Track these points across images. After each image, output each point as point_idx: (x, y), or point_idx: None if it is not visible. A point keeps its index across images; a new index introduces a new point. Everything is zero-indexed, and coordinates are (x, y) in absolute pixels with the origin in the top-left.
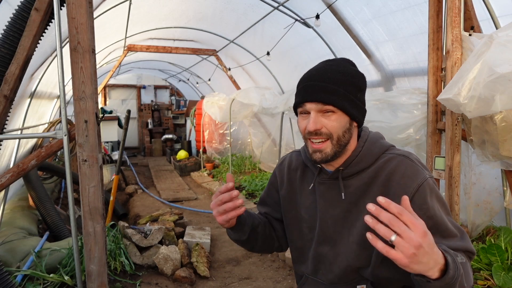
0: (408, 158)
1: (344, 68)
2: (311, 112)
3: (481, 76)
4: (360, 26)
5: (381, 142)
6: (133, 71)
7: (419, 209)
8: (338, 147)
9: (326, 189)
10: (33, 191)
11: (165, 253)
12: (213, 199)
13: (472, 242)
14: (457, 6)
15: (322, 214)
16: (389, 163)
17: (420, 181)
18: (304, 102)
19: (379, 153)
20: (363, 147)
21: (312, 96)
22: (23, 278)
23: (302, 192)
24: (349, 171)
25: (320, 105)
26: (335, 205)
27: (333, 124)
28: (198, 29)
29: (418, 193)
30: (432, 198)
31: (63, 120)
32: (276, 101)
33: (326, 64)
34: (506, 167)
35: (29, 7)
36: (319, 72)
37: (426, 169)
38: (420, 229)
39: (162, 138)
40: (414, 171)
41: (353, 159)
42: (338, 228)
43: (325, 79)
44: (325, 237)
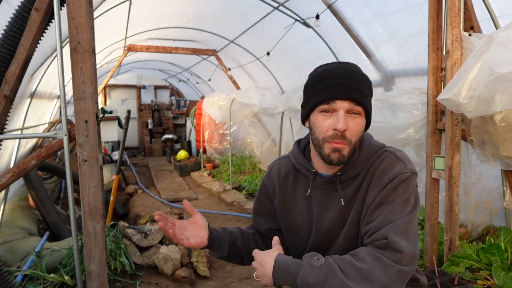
0: (393, 154)
1: (363, 73)
2: (340, 111)
3: (481, 76)
4: (360, 26)
5: (372, 143)
6: (133, 71)
7: (383, 196)
8: (352, 152)
9: (321, 193)
10: (33, 191)
11: (165, 253)
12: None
13: (472, 242)
14: (457, 6)
15: (318, 219)
16: (377, 161)
17: (395, 173)
18: (335, 99)
19: (372, 155)
20: (360, 152)
21: (346, 94)
22: (23, 278)
23: (296, 198)
24: (346, 175)
25: (351, 105)
26: (331, 209)
27: (357, 128)
28: (198, 29)
29: (391, 183)
30: (398, 188)
31: (63, 120)
32: (276, 101)
33: (347, 65)
34: (506, 167)
35: (29, 7)
36: (347, 72)
37: (408, 166)
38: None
39: (162, 138)
40: (394, 165)
41: (350, 165)
42: (333, 229)
43: (355, 79)
44: (321, 240)
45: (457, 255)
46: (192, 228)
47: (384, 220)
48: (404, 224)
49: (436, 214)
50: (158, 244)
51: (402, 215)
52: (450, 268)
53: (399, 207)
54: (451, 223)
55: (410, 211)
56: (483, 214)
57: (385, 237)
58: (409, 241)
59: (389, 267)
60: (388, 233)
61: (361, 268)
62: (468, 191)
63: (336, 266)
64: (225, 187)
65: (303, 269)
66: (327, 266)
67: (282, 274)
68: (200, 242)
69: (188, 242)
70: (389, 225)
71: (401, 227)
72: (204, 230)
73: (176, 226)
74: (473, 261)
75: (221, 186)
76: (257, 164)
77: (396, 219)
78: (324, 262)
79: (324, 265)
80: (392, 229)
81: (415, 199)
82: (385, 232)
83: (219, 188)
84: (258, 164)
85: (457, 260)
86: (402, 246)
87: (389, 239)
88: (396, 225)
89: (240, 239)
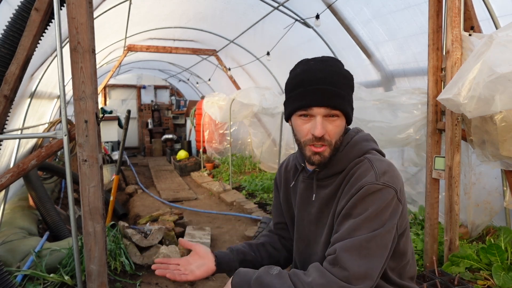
0: (370, 162)
1: (343, 70)
2: (317, 116)
3: (481, 76)
4: (360, 26)
5: (361, 146)
6: (133, 71)
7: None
8: (334, 150)
9: (304, 188)
10: (33, 191)
11: (165, 253)
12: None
13: (472, 242)
14: (457, 6)
15: (299, 212)
16: (356, 166)
17: (363, 184)
18: (312, 107)
19: (355, 157)
20: (342, 151)
21: (322, 101)
22: (23, 278)
23: (293, 191)
24: (324, 173)
25: (328, 110)
26: (310, 205)
27: (336, 130)
28: (198, 29)
29: (357, 194)
30: (367, 201)
31: (63, 120)
32: (276, 101)
33: (325, 65)
34: (506, 167)
35: (29, 7)
36: (324, 75)
37: (381, 178)
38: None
39: (162, 138)
40: (365, 174)
41: (329, 162)
42: (312, 228)
43: (333, 83)
44: (300, 235)
45: (457, 255)
46: (195, 260)
47: (344, 234)
48: (361, 241)
49: (436, 214)
50: (158, 244)
51: (366, 231)
52: (450, 268)
53: (365, 223)
54: (451, 223)
55: (377, 228)
56: (483, 214)
57: (335, 251)
58: (363, 259)
59: (332, 283)
60: (338, 249)
61: (305, 281)
62: (468, 191)
63: (287, 276)
64: (225, 187)
65: (260, 271)
66: (280, 274)
67: (239, 280)
68: (208, 270)
69: (194, 275)
70: (346, 240)
71: (357, 244)
72: (209, 257)
73: (180, 265)
74: (473, 261)
75: (221, 186)
76: (257, 164)
77: (357, 235)
78: (278, 271)
79: (278, 273)
80: (345, 245)
81: (389, 215)
82: (336, 247)
83: (219, 188)
84: (258, 164)
85: (457, 260)
86: (349, 264)
87: (336, 254)
88: (351, 242)
89: (250, 253)
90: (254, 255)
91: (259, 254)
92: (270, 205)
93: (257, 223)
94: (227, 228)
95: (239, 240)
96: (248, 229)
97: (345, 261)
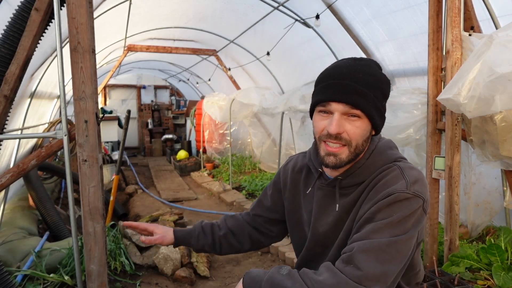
0: (400, 169)
1: (374, 71)
2: (335, 113)
3: (481, 76)
4: (360, 26)
5: (388, 154)
6: (133, 71)
7: (374, 211)
8: (354, 155)
9: (322, 195)
10: (33, 191)
11: (165, 253)
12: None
13: (472, 242)
14: (457, 6)
15: (315, 220)
16: (382, 173)
17: (392, 191)
18: (330, 101)
19: (383, 164)
20: (367, 159)
21: (341, 96)
22: (23, 278)
23: (305, 195)
24: (348, 181)
25: (347, 108)
26: (329, 213)
27: (356, 131)
28: (198, 29)
29: (384, 200)
30: (393, 207)
31: (63, 120)
32: (276, 101)
33: (355, 63)
34: (506, 167)
35: (29, 7)
36: (350, 71)
37: (412, 187)
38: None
39: (162, 138)
40: (395, 182)
41: (354, 170)
42: (328, 235)
43: (357, 79)
44: (315, 243)
45: (457, 255)
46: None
47: (364, 235)
48: (381, 244)
49: (436, 214)
50: (158, 244)
51: (388, 235)
52: (450, 268)
53: (387, 227)
54: (451, 223)
55: (399, 234)
56: (483, 214)
57: (351, 250)
58: (380, 263)
59: (343, 284)
60: (356, 248)
61: (316, 280)
62: (468, 191)
63: (298, 275)
64: (225, 187)
65: (271, 272)
66: (290, 273)
67: (250, 281)
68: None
69: (149, 240)
70: (365, 241)
71: (376, 246)
72: (168, 237)
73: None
74: (473, 261)
75: (221, 186)
76: (257, 164)
77: (378, 237)
78: (288, 271)
79: (289, 273)
80: (364, 245)
81: (413, 224)
82: (354, 246)
83: (219, 188)
84: (258, 164)
85: (457, 260)
86: (364, 265)
87: (352, 253)
88: (370, 243)
89: (209, 244)
90: (212, 245)
91: (219, 244)
92: None
93: None
94: None
95: None
96: None
97: (361, 261)
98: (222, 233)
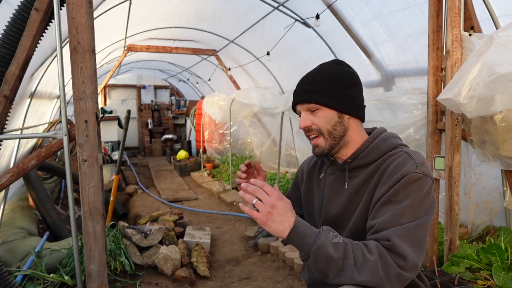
0: (407, 154)
1: (328, 69)
2: (302, 112)
3: (481, 76)
4: (360, 26)
5: (392, 141)
6: (133, 71)
7: (391, 194)
8: (332, 140)
9: (334, 179)
10: (33, 191)
11: (165, 253)
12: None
13: (472, 242)
14: (457, 6)
15: (327, 203)
16: (390, 158)
17: (405, 172)
18: (295, 105)
19: (387, 150)
20: (372, 143)
21: (297, 98)
22: (23, 278)
23: (318, 185)
24: (356, 163)
25: (305, 105)
26: (339, 195)
27: (320, 120)
28: (198, 29)
29: (400, 182)
30: (409, 188)
31: (63, 120)
32: (276, 101)
33: (315, 69)
34: (506, 167)
35: (29, 7)
36: (304, 77)
37: (421, 167)
38: (276, 195)
39: (162, 138)
40: (405, 164)
41: (360, 153)
42: (340, 216)
43: (308, 81)
44: (327, 225)
45: (457, 255)
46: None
47: (391, 220)
48: (410, 229)
49: (436, 214)
50: (158, 244)
51: (412, 218)
52: (450, 268)
53: (409, 210)
54: (451, 223)
55: (421, 216)
56: (483, 214)
57: (388, 239)
58: (414, 248)
59: (391, 268)
60: (391, 236)
61: (369, 259)
62: (468, 191)
63: (350, 249)
64: (225, 187)
65: (321, 240)
66: (343, 246)
67: (298, 239)
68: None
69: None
70: (395, 227)
71: (407, 231)
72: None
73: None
74: (473, 261)
75: (221, 186)
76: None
77: (404, 222)
78: (342, 240)
79: (341, 244)
80: (397, 232)
81: (431, 204)
82: (389, 234)
83: (219, 188)
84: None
85: (457, 260)
86: (406, 252)
87: (391, 242)
88: (402, 229)
89: None
90: None
91: None
92: None
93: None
94: (227, 228)
95: (239, 240)
96: (248, 229)
97: (402, 248)
98: None
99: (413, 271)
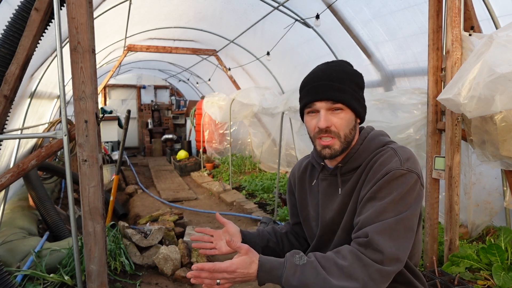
0: (393, 150)
1: (346, 68)
2: (321, 110)
3: (481, 76)
4: (360, 26)
5: (380, 139)
6: (133, 71)
7: (374, 191)
8: (345, 144)
9: (327, 185)
10: (33, 191)
11: (165, 253)
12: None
13: (472, 242)
14: (457, 6)
15: (322, 209)
16: (377, 156)
17: (388, 169)
18: (314, 102)
19: (376, 148)
20: (361, 144)
21: (322, 95)
22: (23, 278)
23: (311, 191)
24: (347, 167)
25: (329, 103)
26: (334, 200)
27: (341, 122)
28: (198, 29)
29: (383, 179)
30: (392, 185)
31: (63, 120)
32: (276, 101)
33: (328, 65)
34: (506, 167)
35: (29, 7)
36: (324, 73)
37: (406, 163)
38: (229, 268)
39: (162, 138)
40: (390, 161)
41: (351, 156)
42: (336, 221)
43: (333, 78)
44: (325, 231)
45: (457, 255)
46: (225, 236)
47: (373, 217)
48: (390, 223)
49: (436, 214)
50: (158, 244)
51: (393, 214)
52: (450, 268)
53: (391, 205)
54: (451, 223)
55: (403, 211)
56: (483, 214)
57: (366, 235)
58: (394, 241)
59: (369, 266)
60: (370, 232)
61: (343, 265)
62: (468, 191)
63: (319, 265)
64: (225, 187)
65: (287, 269)
66: (309, 265)
67: (267, 275)
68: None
69: (221, 251)
70: (376, 223)
71: (387, 226)
72: (237, 236)
73: (214, 236)
74: (473, 261)
75: (221, 186)
76: (257, 164)
77: (385, 218)
78: (306, 261)
79: (307, 264)
80: (376, 228)
81: (415, 199)
82: (368, 230)
83: (219, 188)
84: (258, 164)
85: (457, 260)
86: (383, 246)
87: (369, 237)
88: (381, 225)
89: (273, 241)
90: (276, 243)
91: (281, 242)
92: (270, 205)
93: (257, 223)
94: None
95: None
96: (248, 229)
97: (379, 243)
98: (284, 232)
99: (394, 264)
